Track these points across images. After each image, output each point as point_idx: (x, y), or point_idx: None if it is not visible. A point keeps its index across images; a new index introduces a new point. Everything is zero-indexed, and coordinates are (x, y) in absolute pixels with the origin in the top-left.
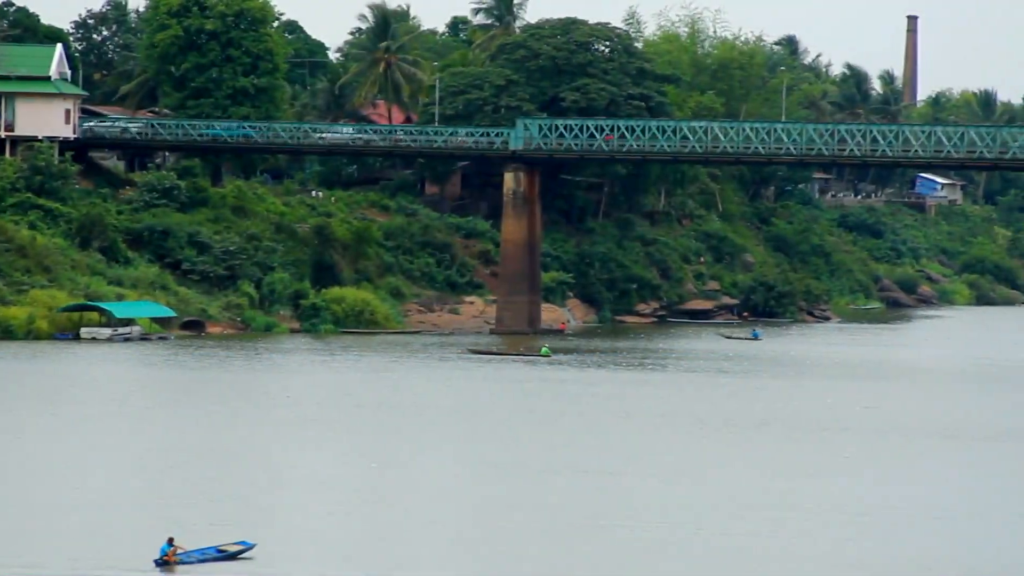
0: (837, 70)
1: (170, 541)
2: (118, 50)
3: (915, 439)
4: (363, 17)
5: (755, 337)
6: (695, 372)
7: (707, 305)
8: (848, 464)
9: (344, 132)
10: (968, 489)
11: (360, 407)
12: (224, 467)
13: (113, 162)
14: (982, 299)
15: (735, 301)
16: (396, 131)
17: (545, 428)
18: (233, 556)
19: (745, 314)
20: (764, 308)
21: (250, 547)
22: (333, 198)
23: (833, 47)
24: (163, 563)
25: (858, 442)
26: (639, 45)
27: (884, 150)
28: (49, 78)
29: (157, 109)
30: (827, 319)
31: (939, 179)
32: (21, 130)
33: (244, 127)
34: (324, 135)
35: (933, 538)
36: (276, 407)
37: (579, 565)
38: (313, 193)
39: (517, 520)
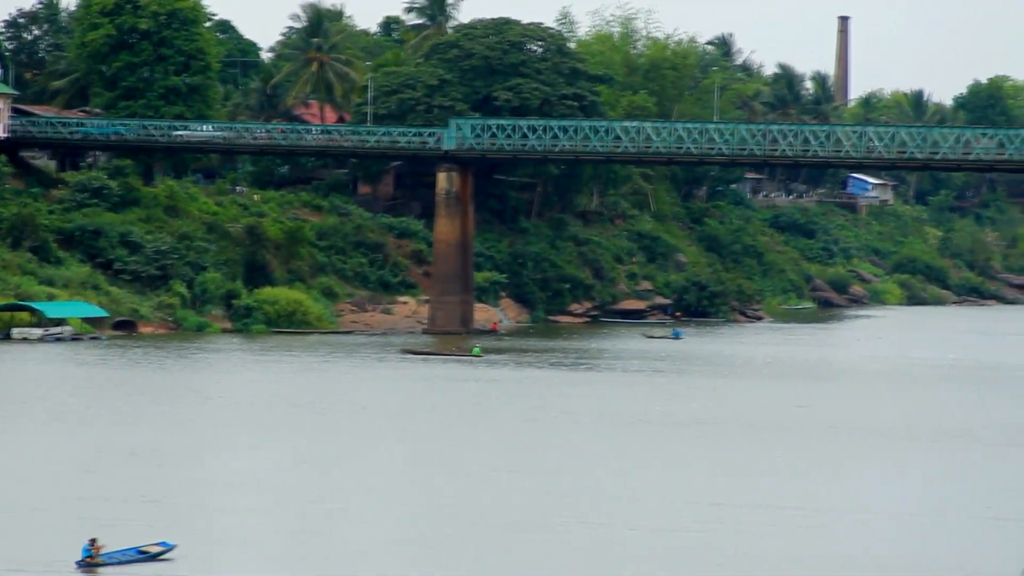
0: (769, 70)
1: (92, 542)
2: (49, 49)
3: (847, 438)
4: (296, 17)
5: (676, 337)
6: (628, 372)
7: (640, 305)
8: (780, 463)
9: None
10: (899, 488)
11: (292, 407)
12: (151, 467)
13: (44, 161)
14: (913, 299)
15: (668, 301)
16: (329, 131)
17: (478, 428)
18: (154, 557)
19: (677, 314)
20: (696, 308)
21: (171, 548)
22: (256, 196)
23: (765, 47)
24: (85, 564)
25: (791, 441)
26: (572, 45)
27: (816, 150)
28: None
29: (88, 108)
30: (759, 319)
31: (870, 179)
32: None
33: (114, 125)
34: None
35: (863, 537)
36: (207, 407)
37: (514, 565)
38: (237, 189)
39: (451, 520)
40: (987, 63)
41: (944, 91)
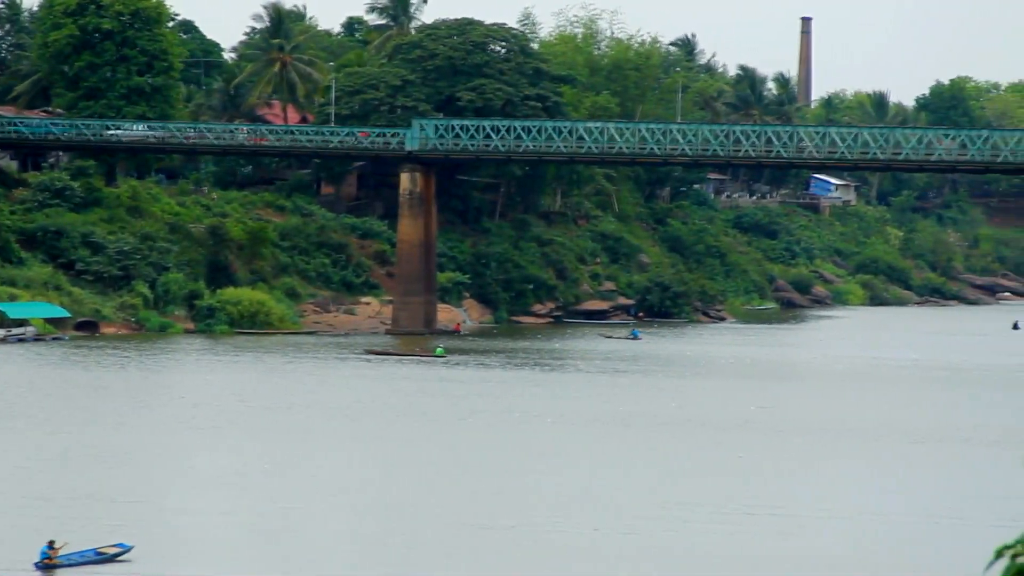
0: (732, 71)
1: (50, 544)
2: (11, 49)
3: (808, 439)
4: (258, 17)
5: (634, 336)
6: (591, 372)
7: (603, 305)
8: (742, 464)
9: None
10: (859, 487)
11: (254, 408)
12: (110, 468)
13: (6, 162)
14: (875, 299)
15: (631, 302)
16: (292, 131)
17: (439, 428)
18: (111, 558)
19: (640, 315)
20: (660, 308)
21: (128, 549)
22: (215, 195)
23: (728, 49)
24: (44, 566)
25: (753, 442)
26: (535, 46)
27: (779, 151)
28: None
29: (50, 109)
30: (722, 319)
31: (833, 180)
32: None
33: (46, 124)
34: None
35: (821, 536)
36: (168, 408)
37: (475, 565)
38: (201, 190)
39: (409, 520)
40: (949, 64)
41: (906, 92)
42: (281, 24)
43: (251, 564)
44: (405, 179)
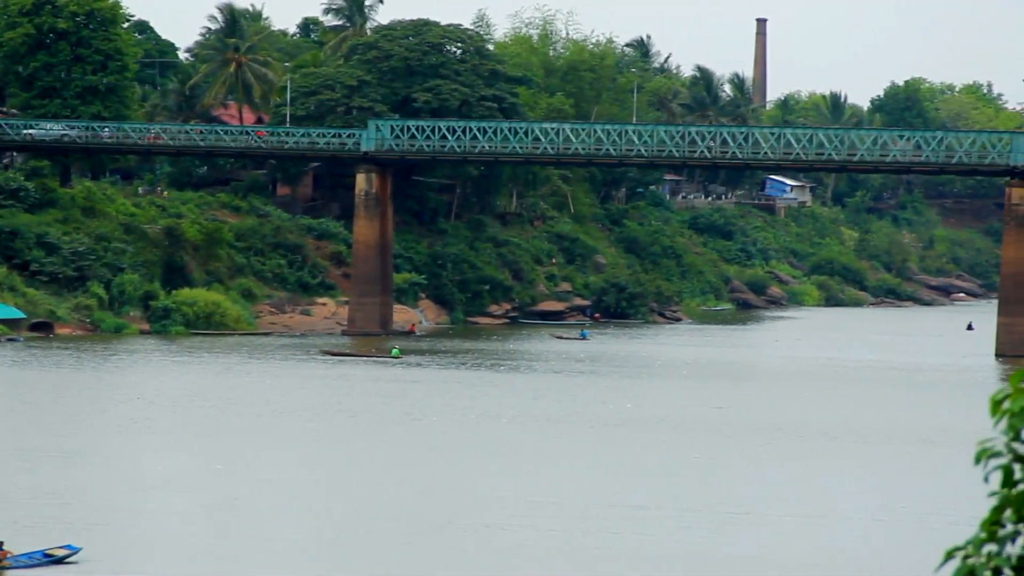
0: (687, 72)
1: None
2: None
3: (764, 439)
4: (213, 18)
5: (583, 337)
6: (545, 373)
7: (559, 306)
8: (698, 464)
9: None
10: (815, 487)
11: (208, 408)
12: (63, 469)
13: None
14: (831, 300)
15: (587, 302)
16: (247, 132)
17: (395, 428)
18: (60, 560)
19: (596, 316)
20: (616, 309)
21: (76, 551)
22: (165, 193)
23: (683, 50)
24: None
25: (708, 442)
26: (490, 47)
27: (734, 152)
28: None
29: (4, 109)
30: (678, 320)
31: (788, 181)
32: None
33: None
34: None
35: (777, 535)
36: (122, 408)
37: (431, 566)
38: (142, 190)
39: (360, 521)
40: (903, 66)
41: (861, 93)
42: (236, 24)
43: (201, 565)
44: (361, 180)
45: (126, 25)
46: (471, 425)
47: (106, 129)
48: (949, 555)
